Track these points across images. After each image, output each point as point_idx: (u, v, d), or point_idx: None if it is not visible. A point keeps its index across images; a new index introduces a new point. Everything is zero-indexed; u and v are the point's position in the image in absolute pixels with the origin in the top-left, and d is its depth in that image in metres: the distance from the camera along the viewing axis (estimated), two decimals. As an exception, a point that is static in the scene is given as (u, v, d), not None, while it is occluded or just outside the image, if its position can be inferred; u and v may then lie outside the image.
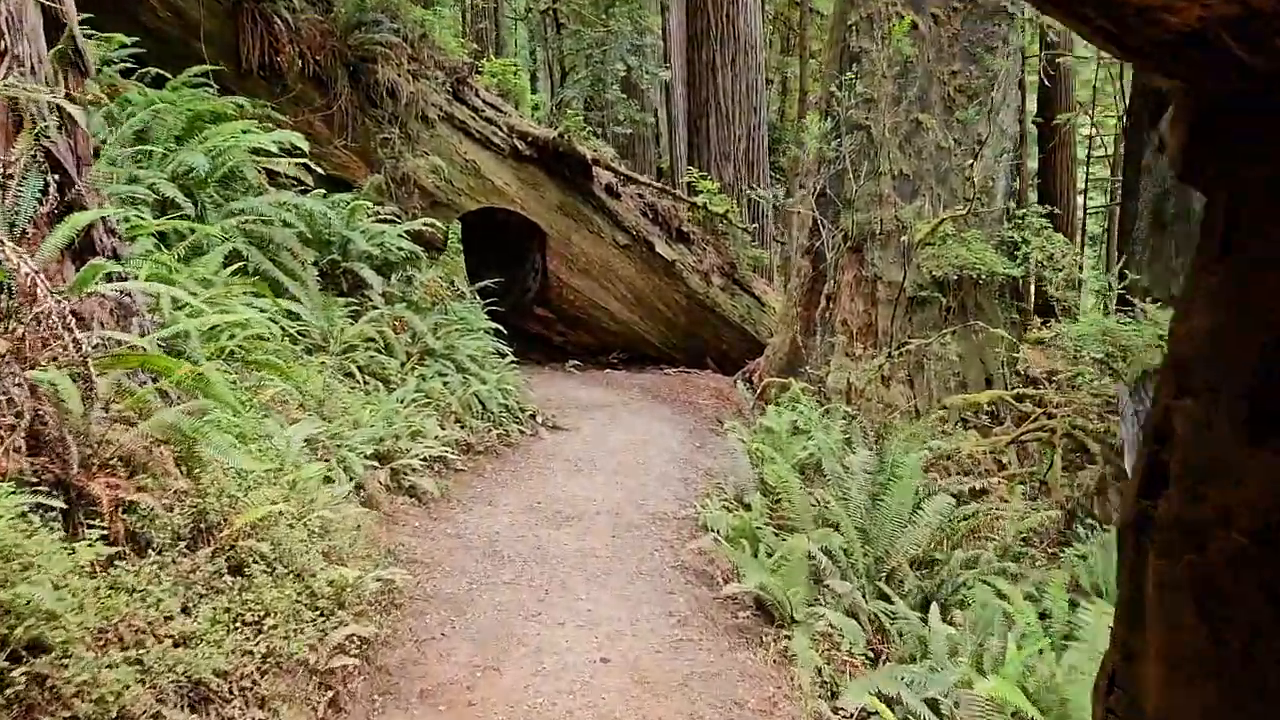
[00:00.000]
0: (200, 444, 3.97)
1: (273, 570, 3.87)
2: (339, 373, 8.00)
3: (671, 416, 11.89)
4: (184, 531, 3.68)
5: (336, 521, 4.73)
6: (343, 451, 6.59)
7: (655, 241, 14.79)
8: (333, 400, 7.26)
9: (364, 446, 6.95)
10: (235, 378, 5.44)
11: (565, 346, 14.89)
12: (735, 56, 20.23)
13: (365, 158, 12.09)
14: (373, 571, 4.48)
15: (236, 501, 3.94)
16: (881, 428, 10.55)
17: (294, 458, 5.04)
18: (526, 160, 13.73)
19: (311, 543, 4.25)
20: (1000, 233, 11.69)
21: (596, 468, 9.06)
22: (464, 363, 9.50)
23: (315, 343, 7.99)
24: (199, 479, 3.89)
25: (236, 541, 3.77)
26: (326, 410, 7.01)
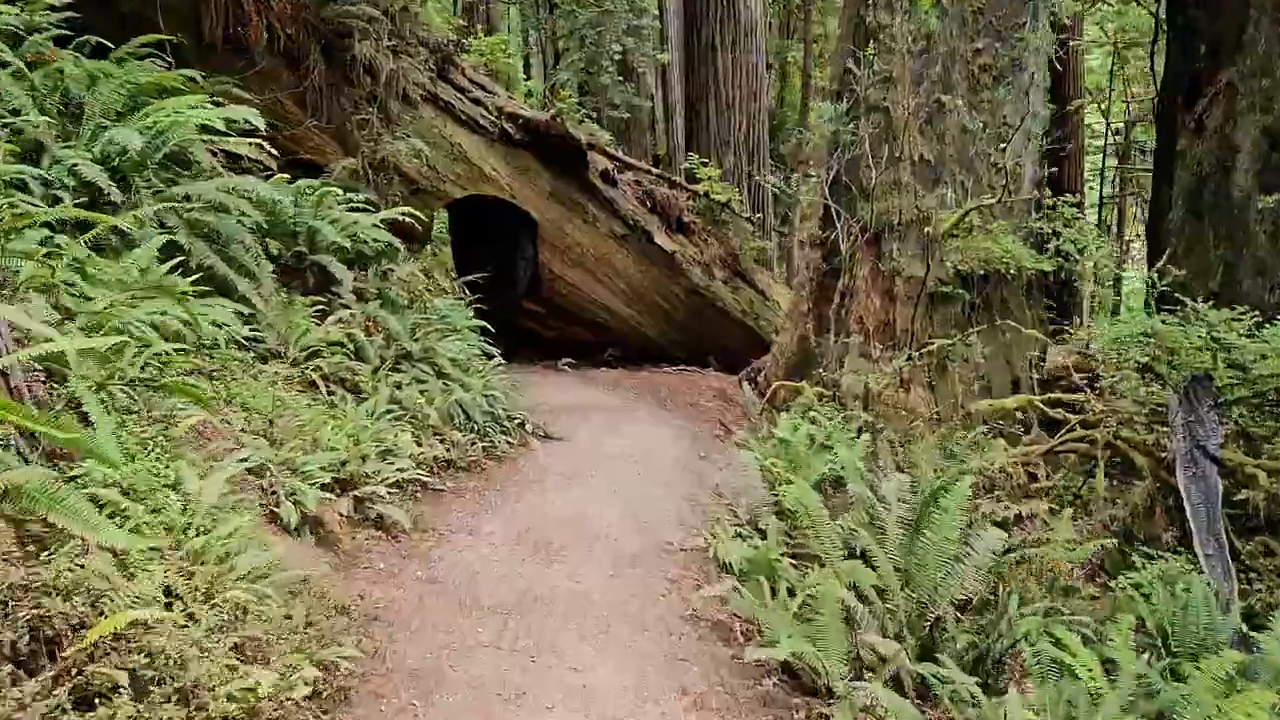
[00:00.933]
0: (58, 513, 2.88)
1: (146, 695, 2.78)
2: (299, 383, 6.89)
3: (673, 421, 10.79)
4: (19, 647, 2.59)
5: (259, 597, 3.64)
6: (294, 481, 5.48)
7: (654, 231, 13.67)
8: (287, 417, 6.14)
9: (322, 473, 5.85)
10: (139, 409, 4.32)
11: (558, 343, 13.77)
12: (735, 39, 19.10)
13: (341, 140, 10.94)
14: (303, 669, 3.39)
15: (100, 599, 2.84)
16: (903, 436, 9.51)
17: (207, 512, 3.93)
18: (517, 145, 12.58)
19: (214, 640, 3.16)
20: (1029, 224, 10.60)
21: (592, 484, 7.96)
22: (445, 367, 8.38)
23: (271, 349, 6.87)
24: (48, 565, 2.81)
25: (92, 660, 2.69)
26: (278, 430, 5.89)
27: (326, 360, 7.32)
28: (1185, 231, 11.18)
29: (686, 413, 11.49)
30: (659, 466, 8.69)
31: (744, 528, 7.28)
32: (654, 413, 11.07)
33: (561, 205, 12.99)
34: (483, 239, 13.75)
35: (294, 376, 6.87)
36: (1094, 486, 8.61)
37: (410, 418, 7.58)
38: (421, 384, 8.13)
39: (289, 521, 5.24)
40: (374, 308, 8.32)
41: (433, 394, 8.04)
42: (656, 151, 21.60)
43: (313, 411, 6.52)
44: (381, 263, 8.89)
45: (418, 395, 7.76)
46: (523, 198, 12.64)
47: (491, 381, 9.05)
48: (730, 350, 14.50)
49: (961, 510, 5.86)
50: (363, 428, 6.71)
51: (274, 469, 5.46)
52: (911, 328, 10.21)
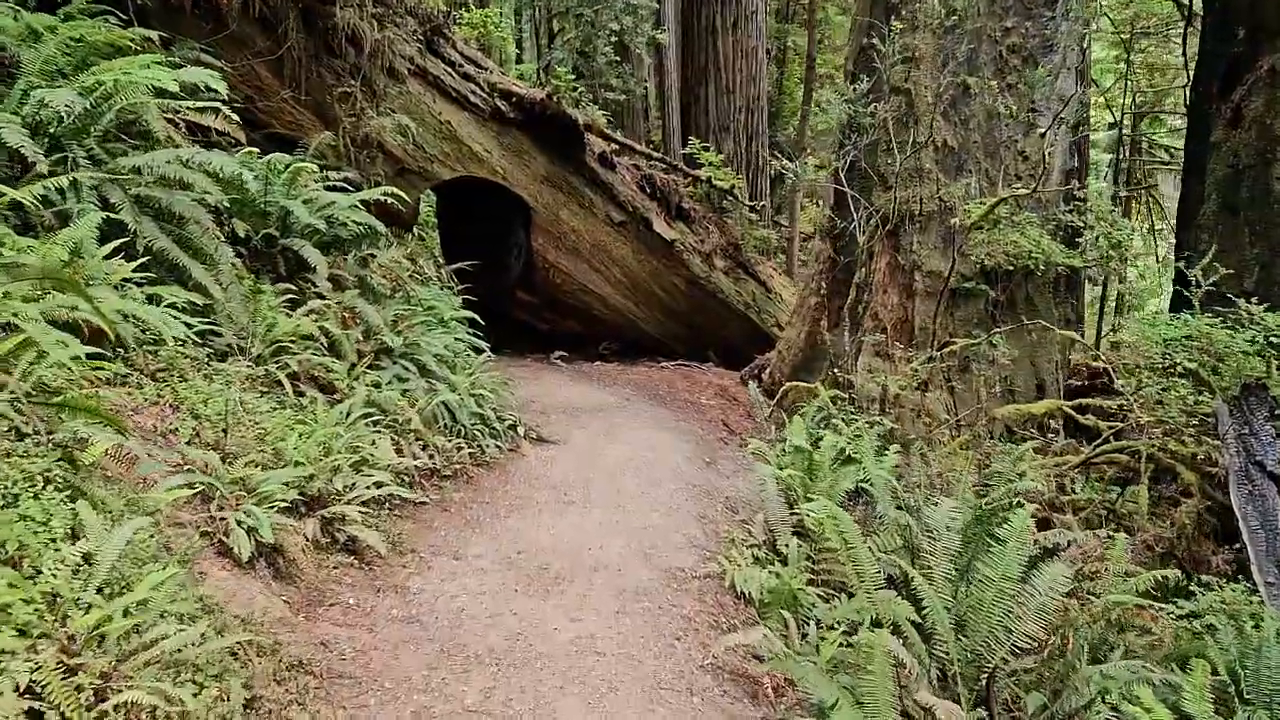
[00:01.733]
0: None
1: None
2: (263, 384, 5.98)
3: (675, 423, 9.92)
4: None
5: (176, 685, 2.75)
6: (249, 505, 4.58)
7: (653, 219, 12.77)
8: (245, 426, 5.24)
9: (285, 490, 4.96)
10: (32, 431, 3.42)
11: (551, 335, 12.88)
12: (737, 20, 18.17)
13: (320, 115, 9.99)
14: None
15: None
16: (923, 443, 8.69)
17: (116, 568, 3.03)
18: (510, 123, 11.64)
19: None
20: (1058, 216, 9.76)
21: (591, 498, 7.09)
22: (429, 363, 7.48)
23: (231, 345, 5.95)
24: None
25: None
26: (233, 442, 4.99)
27: (296, 357, 6.41)
28: (1219, 227, 10.35)
29: (687, 412, 10.62)
30: (663, 476, 7.82)
31: (761, 550, 6.44)
32: (653, 412, 10.20)
33: (556, 189, 12.08)
34: (472, 224, 12.84)
35: (257, 376, 5.95)
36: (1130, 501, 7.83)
37: (390, 421, 6.69)
38: (403, 383, 7.23)
39: (240, 554, 4.35)
40: (352, 297, 7.41)
41: (415, 394, 7.14)
42: (651, 137, 20.66)
43: (277, 417, 5.62)
44: (361, 248, 7.98)
45: (398, 396, 6.86)
46: (515, 181, 11.72)
47: (480, 379, 8.16)
48: (730, 344, 13.65)
49: (1021, 544, 5.02)
50: (335, 435, 5.82)
51: (224, 491, 4.57)
52: (933, 326, 9.37)
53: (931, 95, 9.67)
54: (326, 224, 7.42)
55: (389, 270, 8.18)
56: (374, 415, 6.57)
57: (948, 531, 5.30)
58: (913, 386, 9.02)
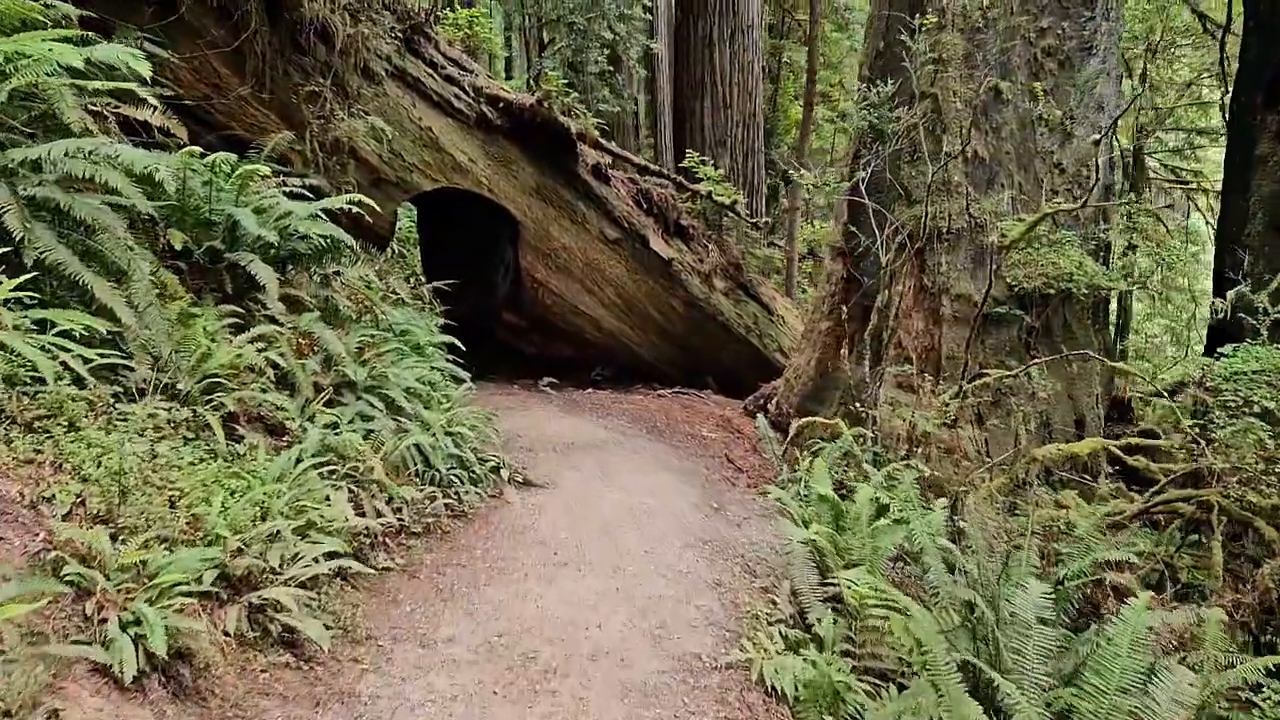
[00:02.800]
0: None
1: None
2: (188, 428, 4.78)
3: (676, 460, 8.76)
4: None
5: None
6: (138, 602, 3.39)
7: (650, 236, 11.65)
8: (151, 487, 4.05)
9: (202, 568, 3.77)
10: None
11: (539, 360, 11.72)
12: (734, 32, 17.13)
13: (286, 117, 8.82)
14: None
15: None
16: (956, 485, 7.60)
17: None
18: (497, 131, 10.51)
19: None
20: (1097, 234, 8.70)
21: (586, 557, 5.91)
22: (399, 399, 6.30)
23: (149, 380, 4.75)
24: None
25: None
26: (130, 510, 3.80)
27: (234, 394, 5.22)
28: (1266, 248, 9.31)
29: (688, 448, 9.45)
30: (667, 528, 6.65)
31: (789, 626, 5.27)
32: (652, 448, 9.03)
33: (546, 203, 10.94)
34: (456, 240, 11.69)
35: (180, 420, 4.76)
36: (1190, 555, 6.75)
37: (349, 470, 5.50)
38: (367, 422, 6.04)
39: (123, 672, 3.15)
40: (310, 321, 6.22)
41: (381, 436, 5.96)
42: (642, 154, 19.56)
43: (201, 472, 4.43)
44: (323, 264, 6.80)
45: (359, 439, 5.66)
46: (502, 193, 10.58)
47: (459, 414, 6.98)
48: (730, 370, 12.53)
49: (1139, 646, 3.88)
50: (276, 492, 4.63)
51: (108, 583, 3.38)
52: (965, 355, 8.25)
53: (961, 101, 8.60)
54: (280, 236, 6.23)
55: (356, 290, 7.00)
56: (330, 463, 5.39)
57: (1041, 625, 4.14)
58: (943, 423, 7.90)
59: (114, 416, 4.27)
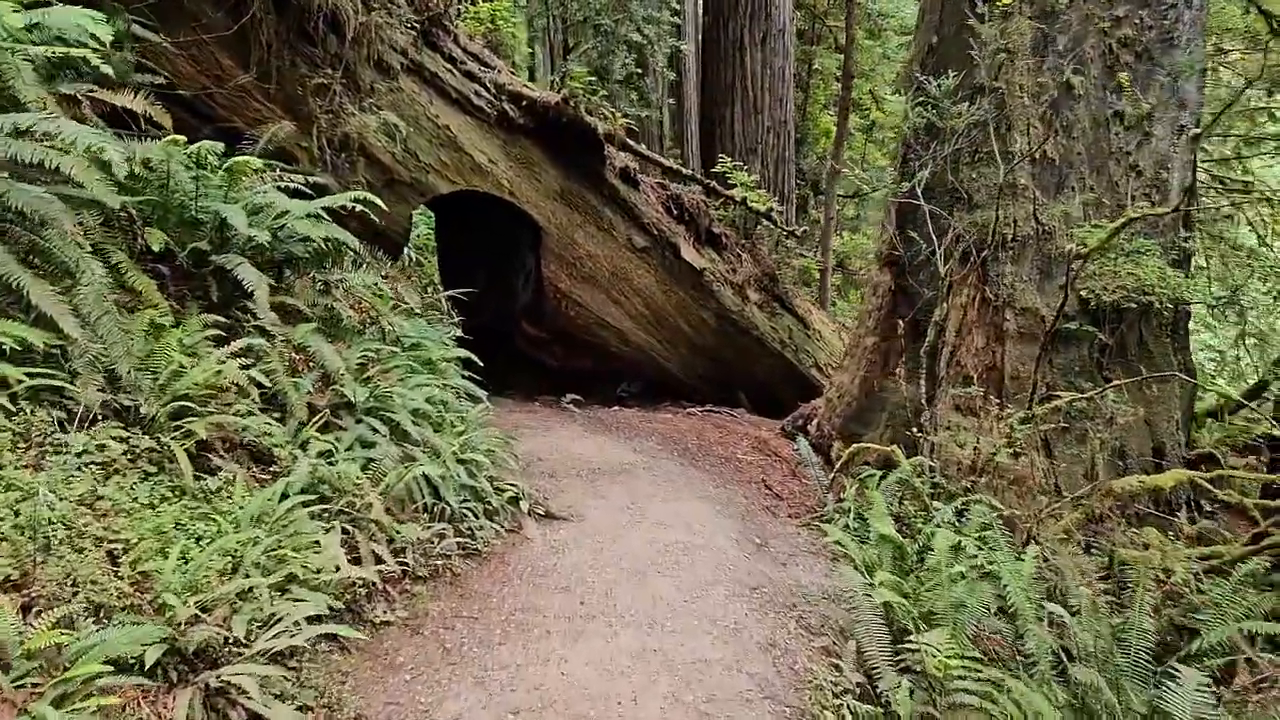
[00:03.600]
0: None
1: None
2: (150, 460, 3.97)
3: (711, 488, 7.89)
4: None
5: None
6: (42, 703, 2.56)
7: (681, 244, 10.80)
8: (86, 539, 3.23)
9: (134, 652, 2.95)
10: None
11: (562, 374, 10.88)
12: (766, 36, 16.33)
13: (293, 111, 8.04)
14: None
15: None
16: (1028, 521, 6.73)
17: None
18: (519, 131, 9.71)
19: None
20: (1178, 242, 7.78)
21: (616, 608, 5.05)
22: (405, 422, 5.46)
23: (100, 403, 3.94)
24: None
25: None
26: (51, 576, 2.98)
27: (211, 418, 4.41)
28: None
29: (723, 473, 8.58)
30: (707, 571, 5.78)
31: (859, 699, 4.39)
32: (685, 474, 8.16)
33: (571, 208, 10.12)
34: (475, 246, 10.90)
35: (142, 450, 3.94)
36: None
37: (343, 507, 4.67)
38: (368, 449, 5.22)
39: (14, 803, 2.33)
40: (306, 333, 5.41)
41: (384, 465, 5.13)
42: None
43: (156, 518, 3.61)
44: (324, 269, 5.99)
45: (357, 470, 4.84)
46: (524, 197, 9.77)
47: (474, 439, 6.14)
48: (763, 387, 11.65)
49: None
50: (252, 540, 3.81)
51: (6, 677, 2.55)
52: (1034, 375, 7.35)
53: (1029, 96, 7.72)
54: (275, 237, 5.43)
55: (361, 299, 6.18)
56: (324, 498, 4.58)
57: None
58: (1010, 450, 7.00)
59: (48, 449, 3.46)
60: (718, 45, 16.35)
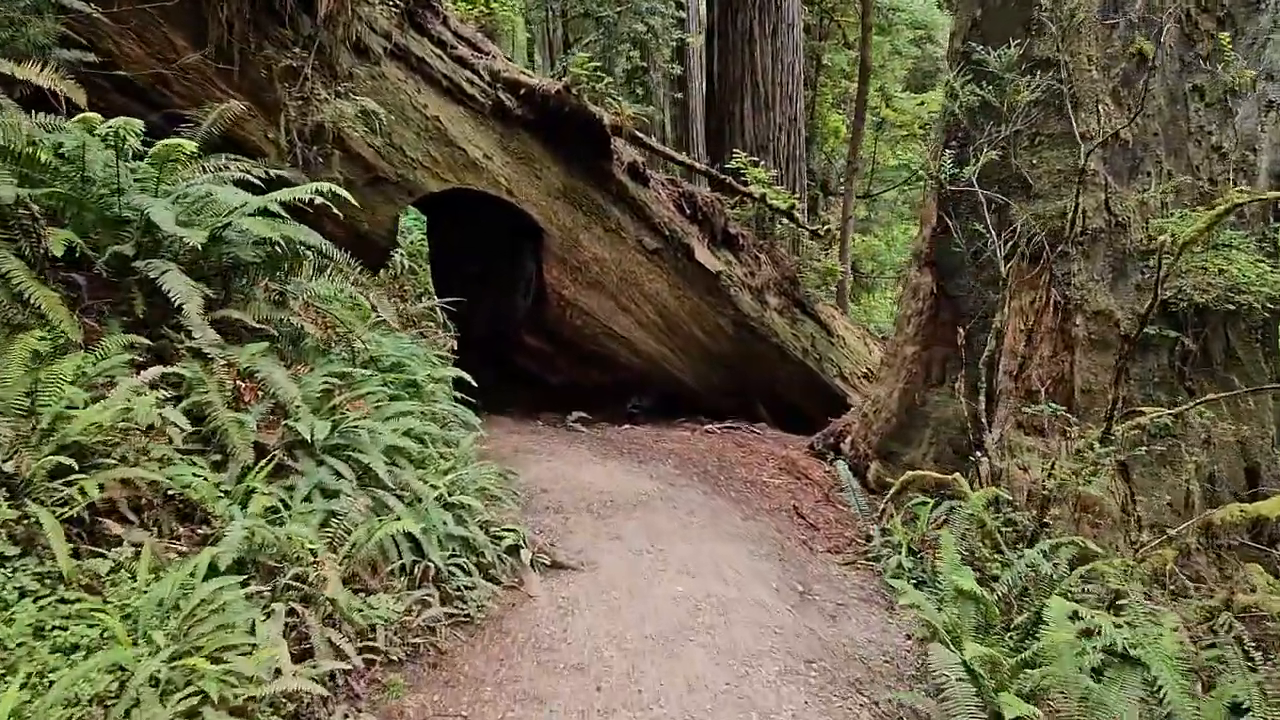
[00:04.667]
0: None
1: None
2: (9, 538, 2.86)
3: (740, 521, 6.76)
4: None
5: None
6: None
7: (695, 246, 9.70)
8: None
9: None
10: None
11: (566, 389, 9.77)
12: (776, 28, 15.19)
13: (260, 101, 6.97)
14: None
15: None
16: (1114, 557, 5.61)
17: None
18: (516, 123, 8.62)
19: None
20: (1268, 233, 6.67)
21: (644, 700, 3.93)
22: (377, 463, 4.32)
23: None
24: None
25: None
26: None
27: (110, 473, 3.30)
28: None
29: (750, 499, 7.47)
30: (749, 635, 4.66)
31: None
32: (709, 504, 7.04)
33: (575, 208, 9.02)
34: (470, 250, 9.80)
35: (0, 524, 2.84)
36: None
37: (291, 581, 3.56)
38: (329, 499, 4.10)
39: None
40: (254, 355, 4.29)
41: (348, 521, 4.01)
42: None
43: (7, 624, 2.50)
44: (280, 277, 4.87)
45: (310, 533, 3.72)
46: (523, 195, 8.66)
47: (464, 476, 5.03)
48: (784, 398, 10.54)
49: None
50: (149, 647, 2.69)
51: None
52: (1109, 389, 6.23)
53: (1098, 69, 6.62)
54: (214, 239, 4.32)
55: (326, 312, 5.07)
56: (271, 569, 3.46)
57: None
58: (1085, 475, 5.88)
59: None
60: (726, 39, 15.24)
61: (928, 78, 23.58)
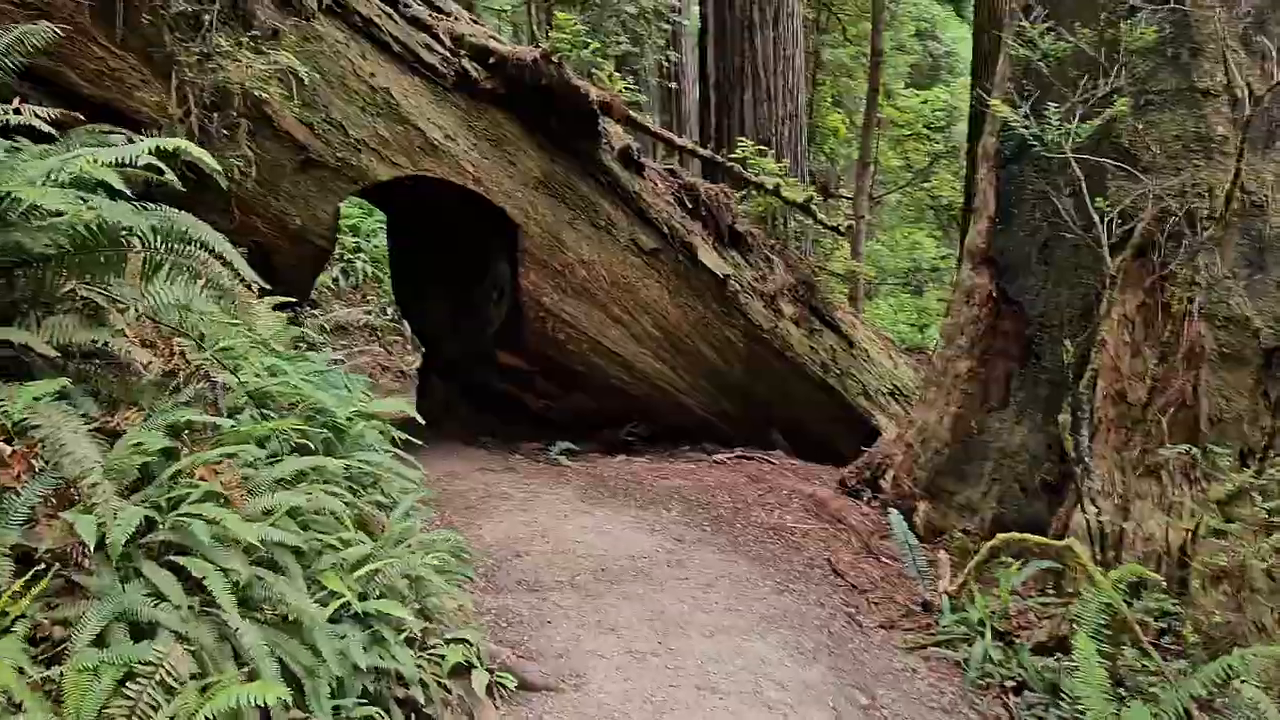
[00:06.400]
0: None
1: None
2: None
3: (772, 595, 5.06)
4: None
5: None
6: None
7: (698, 245, 8.05)
8: None
9: None
10: None
11: (550, 416, 8.08)
12: (777, 16, 13.61)
13: (147, 57, 5.30)
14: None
15: None
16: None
17: None
18: (486, 98, 6.97)
19: None
20: None
21: None
22: (217, 584, 2.60)
23: None
24: None
25: None
26: None
27: None
28: None
29: (777, 556, 5.79)
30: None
31: None
32: (728, 568, 5.35)
33: (557, 200, 7.36)
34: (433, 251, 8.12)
35: None
36: None
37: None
38: (141, 639, 2.40)
39: None
40: (33, 401, 2.60)
41: (154, 689, 2.30)
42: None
43: None
44: (97, 277, 3.16)
45: (89, 710, 2.03)
46: (494, 185, 6.99)
47: (391, 565, 3.32)
48: (801, 422, 8.88)
49: None
50: None
51: None
52: (1273, 421, 4.59)
53: (1222, 6, 5.00)
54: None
55: (177, 330, 3.37)
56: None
57: None
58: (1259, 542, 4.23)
59: None
60: (724, 25, 13.62)
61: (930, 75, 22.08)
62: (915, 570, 5.54)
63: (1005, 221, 6.31)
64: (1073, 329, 5.80)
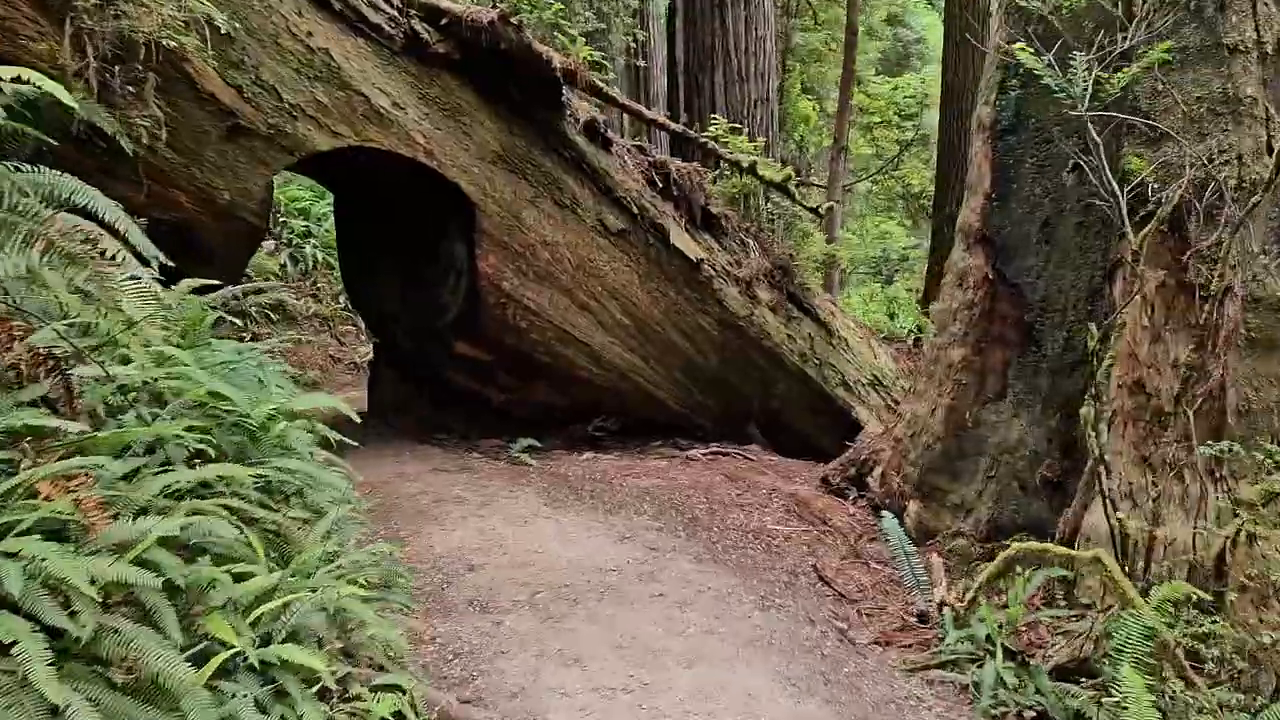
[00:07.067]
0: None
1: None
2: None
3: (753, 609, 4.46)
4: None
5: None
6: None
7: (670, 227, 7.42)
8: None
9: None
10: None
11: (511, 410, 7.42)
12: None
13: (43, 6, 4.56)
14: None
15: None
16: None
17: None
18: (439, 63, 6.29)
19: None
20: None
21: None
22: (86, 631, 1.96)
23: None
24: None
25: None
26: None
27: None
28: None
29: (759, 565, 5.20)
30: None
31: None
32: (706, 580, 4.74)
33: (518, 175, 6.69)
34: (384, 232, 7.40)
35: None
36: None
37: None
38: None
39: None
40: None
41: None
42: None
43: None
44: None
45: None
46: (448, 159, 6.31)
47: (299, 605, 2.66)
48: (778, 414, 8.31)
49: None
50: None
51: None
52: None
53: (1253, -46, 4.46)
54: None
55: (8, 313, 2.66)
56: None
57: None
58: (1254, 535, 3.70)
59: None
60: (694, 3, 13.00)
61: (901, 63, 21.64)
62: (913, 580, 4.99)
63: (1002, 198, 5.75)
64: (1077, 314, 5.30)
